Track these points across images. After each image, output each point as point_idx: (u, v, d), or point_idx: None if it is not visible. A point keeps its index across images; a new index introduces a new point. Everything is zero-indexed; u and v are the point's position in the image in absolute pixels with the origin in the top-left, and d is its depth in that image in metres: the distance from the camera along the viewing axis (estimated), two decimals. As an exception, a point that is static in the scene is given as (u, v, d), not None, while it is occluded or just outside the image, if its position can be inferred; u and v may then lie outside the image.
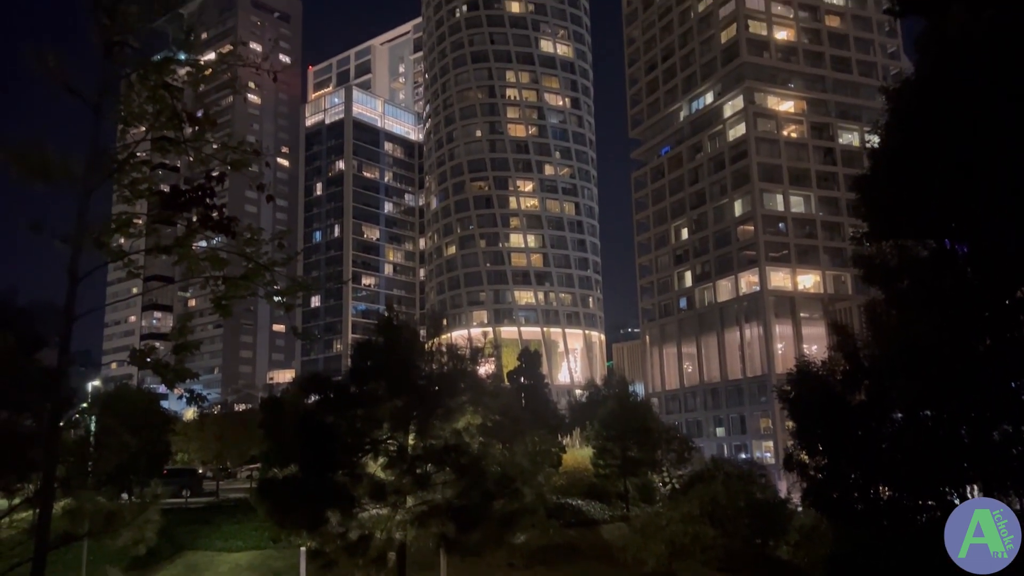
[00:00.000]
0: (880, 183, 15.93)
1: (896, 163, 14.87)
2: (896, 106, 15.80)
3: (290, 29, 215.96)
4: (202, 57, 12.49)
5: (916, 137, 13.72)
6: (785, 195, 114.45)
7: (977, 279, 15.90)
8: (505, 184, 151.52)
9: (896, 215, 15.84)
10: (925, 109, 12.86)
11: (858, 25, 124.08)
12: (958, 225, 15.57)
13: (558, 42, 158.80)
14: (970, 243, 15.98)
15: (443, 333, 33.80)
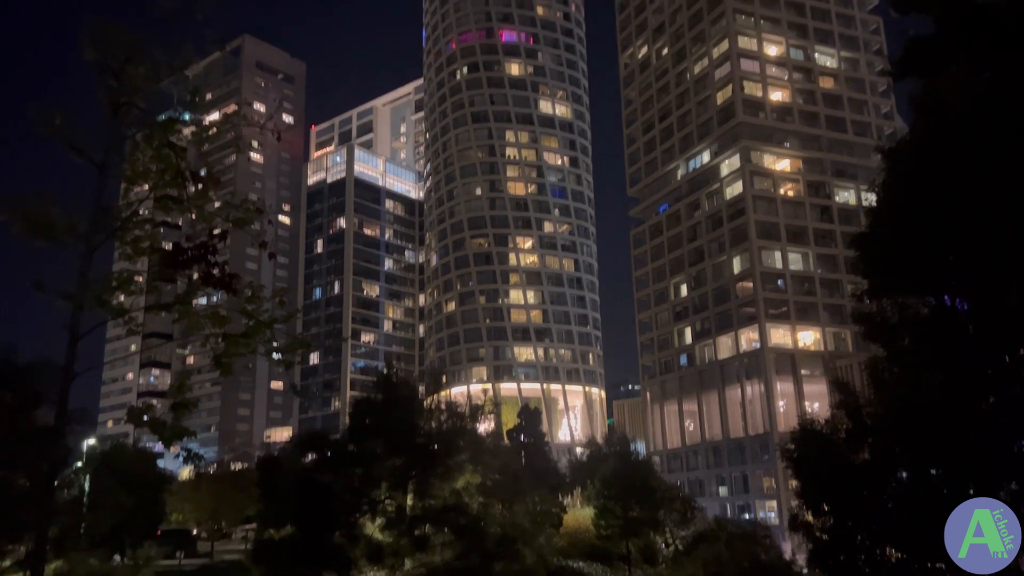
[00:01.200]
0: (879, 240, 16.02)
1: (895, 221, 14.98)
2: (893, 165, 15.98)
3: (293, 90, 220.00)
4: (207, 117, 12.69)
5: (914, 196, 13.86)
6: (783, 252, 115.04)
7: (978, 336, 15.86)
8: (505, 241, 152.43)
9: (896, 272, 15.88)
10: (923, 168, 13.03)
11: (851, 86, 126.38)
12: (958, 283, 15.60)
13: (557, 103, 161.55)
14: (970, 300, 15.99)
15: (442, 390, 33.67)
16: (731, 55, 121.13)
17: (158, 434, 10.61)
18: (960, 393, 15.49)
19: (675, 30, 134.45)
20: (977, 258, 14.48)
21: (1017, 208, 12.13)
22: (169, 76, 12.12)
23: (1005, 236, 13.19)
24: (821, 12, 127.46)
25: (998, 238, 13.43)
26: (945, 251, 14.95)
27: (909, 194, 14.17)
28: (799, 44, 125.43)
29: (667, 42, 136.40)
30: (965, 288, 15.82)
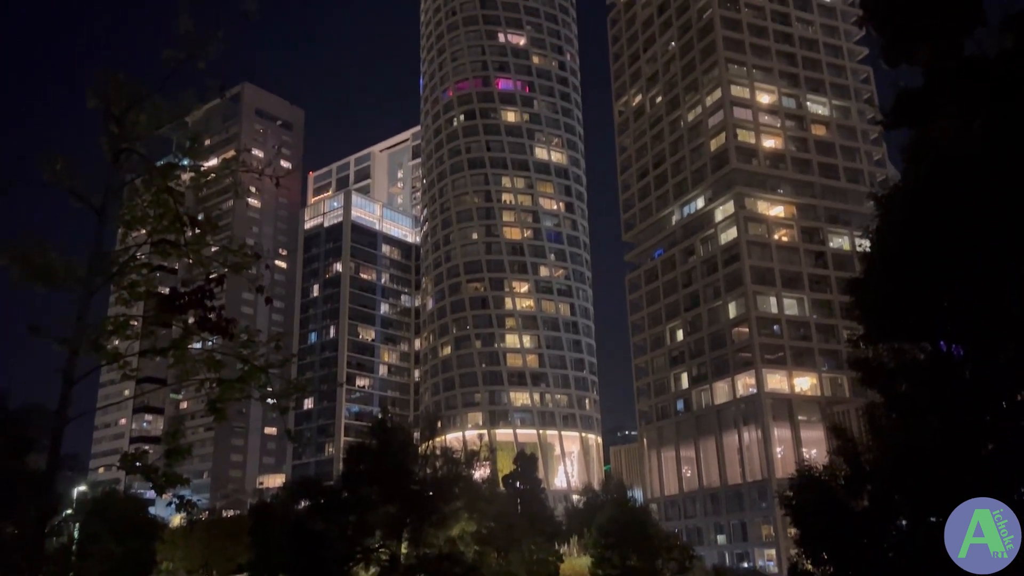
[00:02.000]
0: (874, 286, 16.11)
1: (889, 267, 15.09)
2: (886, 212, 16.15)
3: (292, 136, 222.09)
4: (205, 163, 12.82)
5: (908, 242, 14.00)
6: (778, 298, 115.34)
7: (975, 382, 15.85)
8: (501, 285, 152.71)
9: (892, 318, 15.94)
10: (916, 215, 13.20)
11: (843, 134, 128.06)
12: (954, 329, 15.66)
13: (552, 149, 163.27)
14: (967, 346, 16.01)
15: (438, 436, 33.41)
16: (724, 103, 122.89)
17: (151, 481, 10.51)
18: (958, 440, 15.42)
19: (669, 79, 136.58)
20: (972, 305, 14.55)
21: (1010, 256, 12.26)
22: (170, 123, 12.29)
23: (999, 283, 13.29)
24: (812, 62, 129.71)
25: (992, 285, 13.53)
26: (940, 297, 15.03)
27: (903, 241, 14.32)
28: (791, 93, 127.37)
29: (661, 91, 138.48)
30: (961, 334, 15.86)
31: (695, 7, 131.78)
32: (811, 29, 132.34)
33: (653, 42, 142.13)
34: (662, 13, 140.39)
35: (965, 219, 12.30)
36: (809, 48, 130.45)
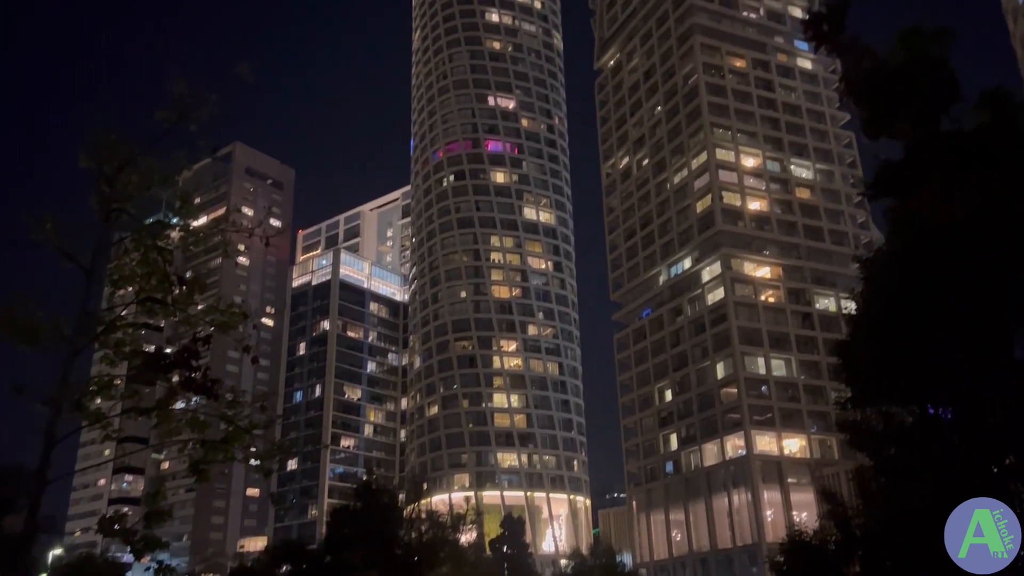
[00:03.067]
0: (861, 349, 16.20)
1: (876, 330, 15.21)
2: (871, 275, 16.35)
3: (282, 195, 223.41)
4: (195, 221, 12.87)
5: (894, 306, 14.15)
6: (766, 358, 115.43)
7: (964, 446, 15.83)
8: (489, 344, 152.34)
9: (879, 381, 15.99)
10: (902, 281, 13.39)
11: (827, 197, 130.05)
12: (941, 392, 15.70)
13: (540, 209, 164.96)
14: (955, 410, 16.04)
15: (423, 498, 32.92)
16: (710, 166, 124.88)
17: (129, 545, 10.27)
18: (948, 504, 15.31)
19: (655, 142, 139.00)
20: (959, 369, 14.63)
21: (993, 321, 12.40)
22: (161, 184, 12.37)
23: (985, 348, 13.40)
24: (795, 127, 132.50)
25: (978, 349, 13.63)
26: (927, 361, 15.11)
27: (888, 305, 14.47)
28: (775, 156, 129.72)
29: (647, 153, 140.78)
30: (949, 398, 15.90)
31: (680, 73, 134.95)
32: (794, 95, 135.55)
33: (640, 106, 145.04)
34: (648, 79, 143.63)
35: (949, 285, 12.50)
36: (792, 114, 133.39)
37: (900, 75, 4.79)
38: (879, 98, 4.92)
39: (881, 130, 5.06)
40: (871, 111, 4.96)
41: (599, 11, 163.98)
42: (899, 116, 5.08)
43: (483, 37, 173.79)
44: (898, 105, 4.97)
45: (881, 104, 4.93)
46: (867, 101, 4.96)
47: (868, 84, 4.74)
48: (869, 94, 4.90)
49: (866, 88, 4.81)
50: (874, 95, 4.90)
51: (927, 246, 11.56)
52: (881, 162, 5.39)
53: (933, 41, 4.71)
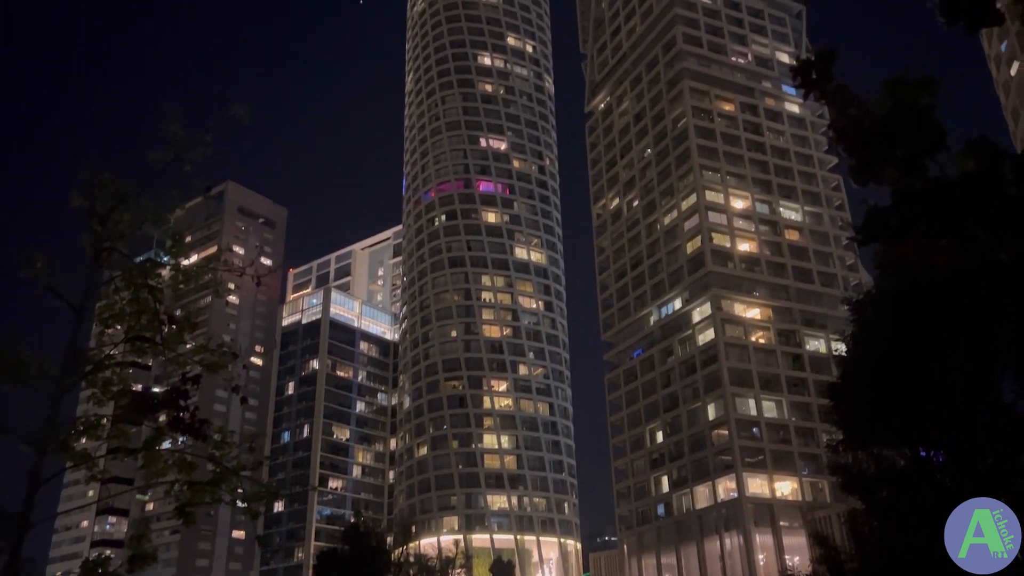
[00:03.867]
0: (852, 391, 16.21)
1: (866, 373, 15.24)
2: (860, 317, 16.44)
3: (273, 234, 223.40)
4: (186, 259, 12.86)
5: (884, 351, 14.21)
6: (757, 400, 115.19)
7: (956, 489, 15.78)
8: (479, 384, 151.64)
9: (870, 424, 15.97)
10: (891, 324, 13.48)
11: (816, 239, 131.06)
12: (932, 435, 15.70)
13: (532, 249, 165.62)
14: (946, 452, 16.02)
15: (412, 541, 32.47)
16: (699, 208, 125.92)
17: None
18: (940, 548, 15.21)
19: (645, 184, 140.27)
20: (948, 412, 14.65)
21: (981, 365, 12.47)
22: (154, 223, 12.38)
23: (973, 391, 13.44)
24: (784, 170, 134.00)
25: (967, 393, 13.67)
26: (917, 404, 15.13)
27: (878, 347, 14.53)
28: (764, 199, 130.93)
29: (638, 195, 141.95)
30: (939, 441, 15.89)
31: (670, 117, 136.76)
32: (782, 139, 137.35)
33: (630, 149, 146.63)
34: (638, 122, 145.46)
35: (938, 329, 12.59)
36: (780, 157, 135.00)
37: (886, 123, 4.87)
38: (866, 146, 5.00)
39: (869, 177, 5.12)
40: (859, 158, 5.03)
41: (590, 56, 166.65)
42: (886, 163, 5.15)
43: (476, 80, 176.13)
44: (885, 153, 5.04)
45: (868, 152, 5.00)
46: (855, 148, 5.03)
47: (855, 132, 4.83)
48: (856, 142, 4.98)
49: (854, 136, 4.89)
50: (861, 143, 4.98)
51: (916, 291, 11.66)
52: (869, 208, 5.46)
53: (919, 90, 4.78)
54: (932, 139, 4.47)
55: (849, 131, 4.47)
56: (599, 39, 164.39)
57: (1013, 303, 13.13)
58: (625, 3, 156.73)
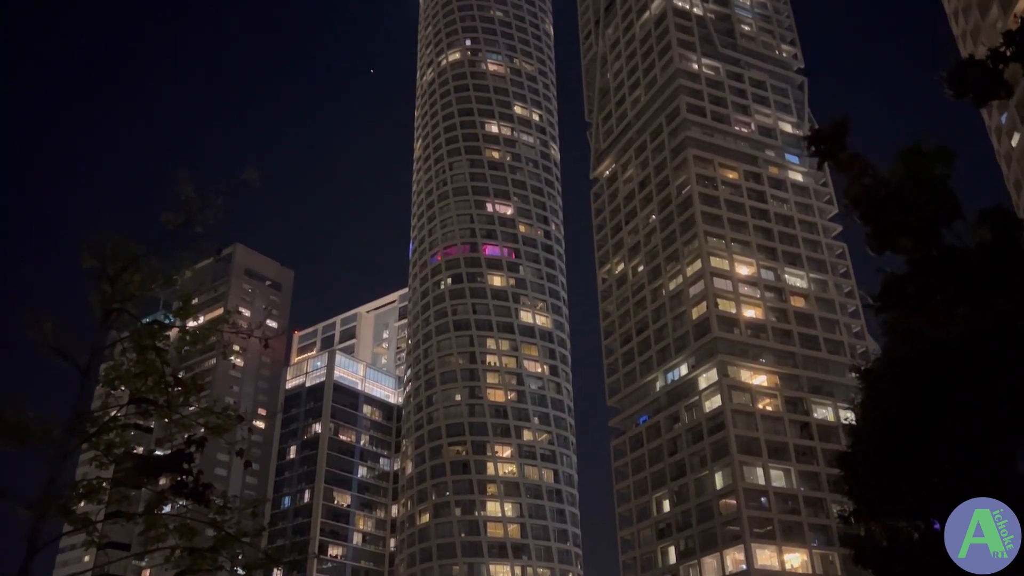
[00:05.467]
0: (862, 462, 15.95)
1: (876, 443, 15.02)
2: (869, 385, 16.27)
3: (280, 297, 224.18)
4: (192, 321, 12.83)
5: (894, 419, 14.05)
6: (765, 468, 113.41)
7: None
8: (483, 449, 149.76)
9: (882, 494, 15.66)
10: (902, 393, 13.36)
11: (822, 306, 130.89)
12: (946, 506, 15.34)
13: (537, 313, 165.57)
14: (960, 525, 15.62)
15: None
16: (704, 274, 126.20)
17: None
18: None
19: (650, 249, 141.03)
20: (962, 483, 14.36)
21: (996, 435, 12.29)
22: (163, 284, 12.41)
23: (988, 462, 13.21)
24: (788, 237, 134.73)
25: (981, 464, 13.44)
26: (930, 474, 14.85)
27: (889, 416, 14.36)
28: (769, 265, 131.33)
29: (643, 260, 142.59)
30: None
31: (674, 184, 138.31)
32: (786, 206, 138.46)
33: (635, 215, 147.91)
34: (643, 188, 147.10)
35: (951, 398, 12.45)
36: (785, 224, 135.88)
37: (901, 193, 4.94)
38: (882, 214, 5.07)
39: (885, 245, 5.18)
40: (875, 226, 5.08)
41: (595, 124, 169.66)
42: (901, 232, 5.21)
43: (483, 147, 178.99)
44: (900, 222, 5.11)
45: (884, 220, 5.07)
46: (870, 216, 5.10)
47: (870, 201, 4.90)
48: (872, 210, 5.05)
49: (869, 204, 4.96)
50: (876, 212, 5.05)
51: (929, 358, 11.61)
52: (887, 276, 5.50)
53: (934, 160, 4.88)
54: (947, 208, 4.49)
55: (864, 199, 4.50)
56: (604, 108, 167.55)
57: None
58: (629, 74, 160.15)
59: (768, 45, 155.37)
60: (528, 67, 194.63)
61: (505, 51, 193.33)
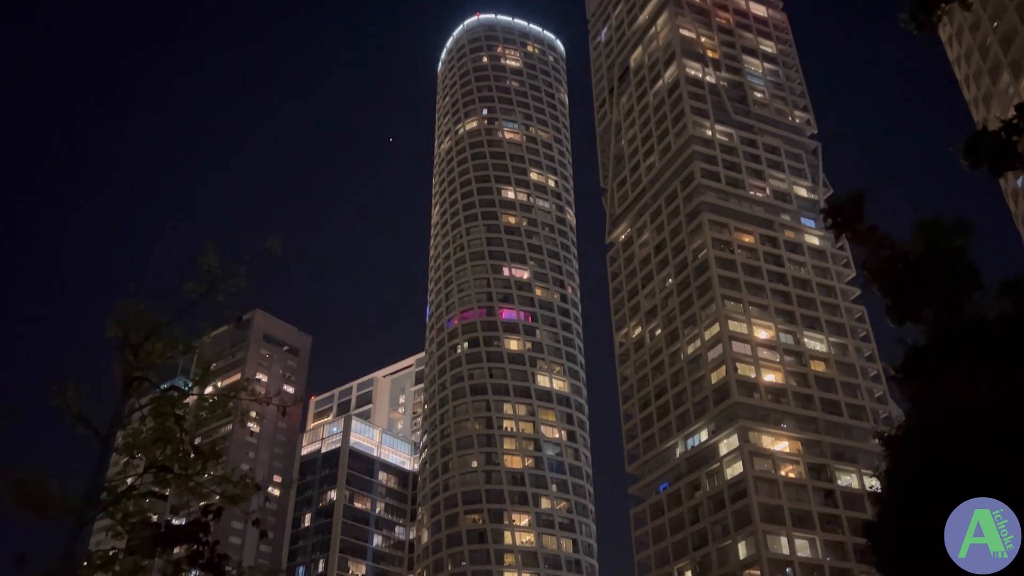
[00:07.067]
0: (889, 531, 15.55)
1: (902, 512, 14.68)
2: (894, 452, 15.99)
3: (297, 362, 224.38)
4: (210, 386, 12.90)
5: (919, 487, 13.76)
6: (789, 538, 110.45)
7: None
8: (500, 517, 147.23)
9: (911, 566, 15.22)
10: (927, 461, 13.13)
11: (842, 370, 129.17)
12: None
13: (554, 377, 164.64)
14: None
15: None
16: (722, 338, 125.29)
17: None
18: None
19: (667, 313, 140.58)
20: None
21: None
22: (184, 352, 12.53)
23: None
24: (806, 300, 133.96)
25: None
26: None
27: (914, 485, 14.07)
28: (788, 329, 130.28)
29: (660, 324, 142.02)
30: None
31: (690, 248, 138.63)
32: (803, 270, 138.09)
33: (651, 278, 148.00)
34: (659, 252, 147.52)
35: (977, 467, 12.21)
36: (803, 287, 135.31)
37: (920, 265, 4.99)
38: (902, 286, 5.11)
39: (905, 317, 5.21)
40: (894, 298, 5.13)
41: (610, 189, 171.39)
42: (922, 304, 5.24)
43: (499, 212, 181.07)
44: (920, 294, 5.15)
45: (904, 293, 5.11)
46: (890, 289, 5.14)
47: (889, 273, 4.95)
48: (891, 282, 5.09)
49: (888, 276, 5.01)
50: (896, 283, 5.09)
51: (954, 426, 11.44)
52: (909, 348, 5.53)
53: (952, 233, 4.94)
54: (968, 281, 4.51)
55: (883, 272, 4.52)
56: (619, 174, 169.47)
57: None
58: (644, 140, 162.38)
59: (781, 112, 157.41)
60: (544, 135, 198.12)
61: (521, 119, 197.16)
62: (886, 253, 5.13)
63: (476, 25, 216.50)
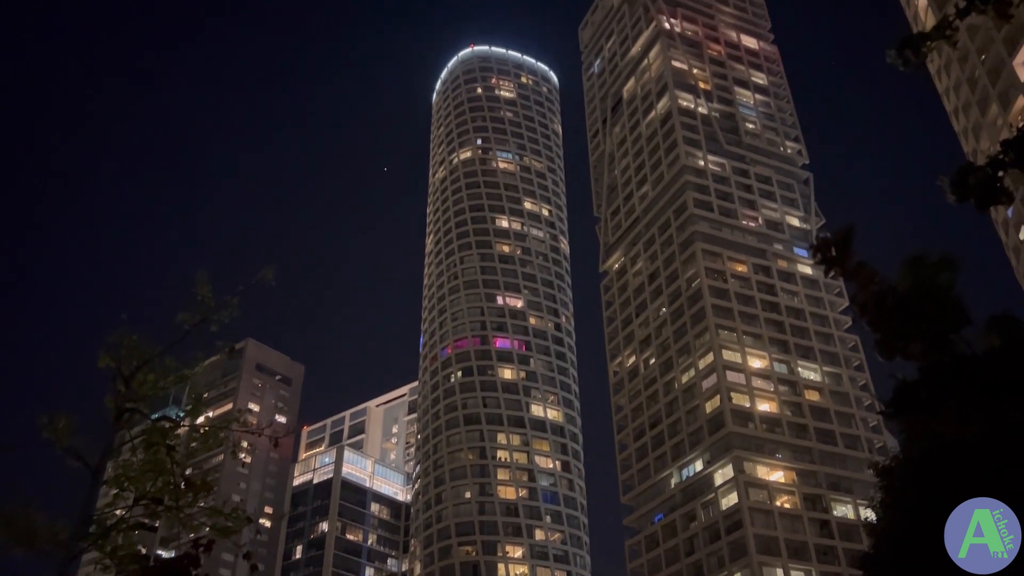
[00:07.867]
0: (885, 564, 15.47)
1: (898, 542, 14.61)
2: (889, 483, 15.95)
3: (290, 391, 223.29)
4: (202, 416, 12.83)
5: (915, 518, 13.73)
6: (785, 569, 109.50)
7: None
8: (494, 549, 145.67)
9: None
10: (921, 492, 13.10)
11: (836, 400, 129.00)
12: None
13: (548, 407, 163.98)
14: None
15: None
16: (716, 367, 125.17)
17: None
18: None
19: (661, 342, 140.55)
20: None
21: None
22: (175, 382, 12.48)
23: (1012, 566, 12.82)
24: (800, 330, 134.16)
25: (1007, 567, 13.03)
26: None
27: (910, 516, 14.02)
28: (781, 358, 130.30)
29: (654, 352, 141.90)
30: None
31: (684, 277, 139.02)
32: (796, 299, 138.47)
33: (645, 307, 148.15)
34: (652, 281, 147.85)
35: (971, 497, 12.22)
36: (796, 317, 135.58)
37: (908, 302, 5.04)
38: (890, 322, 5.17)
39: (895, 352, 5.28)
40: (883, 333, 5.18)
41: (604, 219, 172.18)
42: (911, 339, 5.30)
43: (493, 241, 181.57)
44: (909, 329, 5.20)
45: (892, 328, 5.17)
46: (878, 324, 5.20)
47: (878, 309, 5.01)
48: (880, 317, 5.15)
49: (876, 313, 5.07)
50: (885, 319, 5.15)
51: (947, 457, 11.44)
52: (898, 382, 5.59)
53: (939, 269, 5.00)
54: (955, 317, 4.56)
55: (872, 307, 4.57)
56: (612, 203, 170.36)
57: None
58: (637, 170, 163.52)
59: (772, 142, 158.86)
60: (537, 164, 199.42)
61: (515, 149, 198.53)
62: (875, 288, 5.18)
63: (471, 56, 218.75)
